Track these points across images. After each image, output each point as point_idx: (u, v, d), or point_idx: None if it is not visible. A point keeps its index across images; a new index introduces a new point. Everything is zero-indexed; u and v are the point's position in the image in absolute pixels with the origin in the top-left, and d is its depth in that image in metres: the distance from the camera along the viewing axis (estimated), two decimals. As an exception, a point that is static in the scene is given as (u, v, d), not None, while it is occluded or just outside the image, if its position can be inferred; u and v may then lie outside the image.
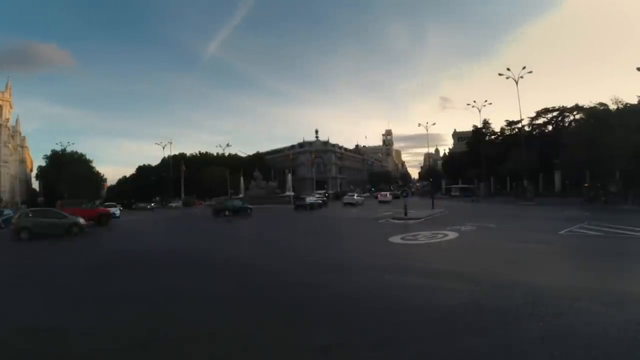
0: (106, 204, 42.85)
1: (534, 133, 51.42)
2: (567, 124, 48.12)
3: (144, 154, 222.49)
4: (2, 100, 65.04)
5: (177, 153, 78.37)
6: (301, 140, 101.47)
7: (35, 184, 76.28)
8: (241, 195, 53.37)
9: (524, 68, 37.18)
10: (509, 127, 57.11)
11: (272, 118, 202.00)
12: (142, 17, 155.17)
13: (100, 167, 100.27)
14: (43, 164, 72.87)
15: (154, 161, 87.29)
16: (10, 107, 68.59)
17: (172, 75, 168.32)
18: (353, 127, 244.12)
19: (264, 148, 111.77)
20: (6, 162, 65.05)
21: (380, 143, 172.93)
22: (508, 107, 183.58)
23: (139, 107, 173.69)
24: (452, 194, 57.80)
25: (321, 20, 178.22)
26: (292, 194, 51.23)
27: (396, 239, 12.69)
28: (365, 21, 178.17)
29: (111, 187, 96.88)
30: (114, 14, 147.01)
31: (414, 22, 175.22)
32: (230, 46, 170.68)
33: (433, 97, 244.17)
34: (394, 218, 21.12)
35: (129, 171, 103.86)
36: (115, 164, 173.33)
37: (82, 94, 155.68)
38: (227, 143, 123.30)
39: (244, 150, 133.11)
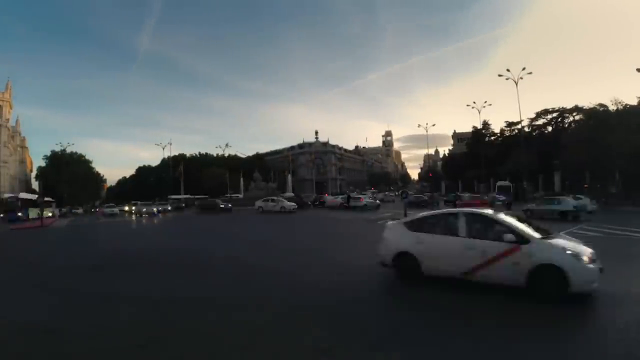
0: None
1: (534, 134, 51.39)
2: (566, 125, 48.06)
3: (144, 155, 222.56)
4: (2, 100, 65.03)
5: (177, 154, 78.39)
6: (301, 142, 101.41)
7: (35, 185, 76.25)
8: (240, 196, 53.33)
9: (523, 69, 37.21)
10: (508, 128, 57.12)
11: (271, 120, 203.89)
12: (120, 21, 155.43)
13: (100, 168, 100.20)
14: (43, 164, 73.05)
15: (154, 162, 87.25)
16: (10, 108, 68.61)
17: (162, 78, 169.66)
18: (351, 129, 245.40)
19: (263, 149, 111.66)
20: (6, 163, 65.01)
21: (380, 144, 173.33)
22: (507, 108, 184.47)
23: (137, 108, 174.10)
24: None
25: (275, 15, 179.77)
26: (292, 194, 51.18)
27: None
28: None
29: (111, 188, 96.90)
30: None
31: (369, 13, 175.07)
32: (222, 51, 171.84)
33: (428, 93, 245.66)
34: (393, 219, 21.06)
35: (129, 172, 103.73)
36: (114, 165, 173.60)
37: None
38: (226, 144, 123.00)
39: (244, 151, 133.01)
